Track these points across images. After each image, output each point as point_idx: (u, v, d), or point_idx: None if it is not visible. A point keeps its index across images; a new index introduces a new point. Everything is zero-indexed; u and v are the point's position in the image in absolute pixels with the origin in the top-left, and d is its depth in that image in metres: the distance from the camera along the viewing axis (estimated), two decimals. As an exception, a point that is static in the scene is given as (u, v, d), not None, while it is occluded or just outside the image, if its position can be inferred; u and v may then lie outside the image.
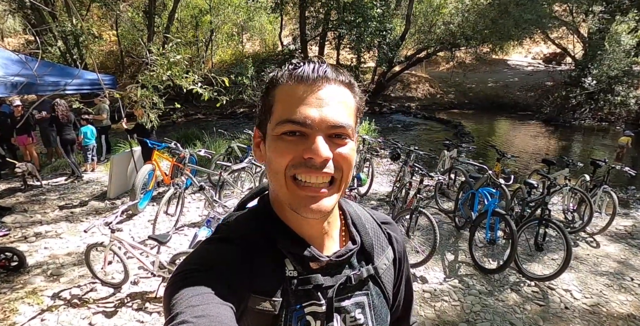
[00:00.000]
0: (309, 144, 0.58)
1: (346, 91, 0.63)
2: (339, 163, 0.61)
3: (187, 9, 16.81)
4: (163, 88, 3.61)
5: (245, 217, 0.72)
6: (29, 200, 5.68)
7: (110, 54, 18.52)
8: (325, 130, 0.59)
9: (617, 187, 6.52)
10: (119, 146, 7.79)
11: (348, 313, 0.70)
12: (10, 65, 4.87)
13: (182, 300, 0.55)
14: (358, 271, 0.71)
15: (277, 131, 0.60)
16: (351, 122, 0.62)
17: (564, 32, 18.91)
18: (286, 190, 0.61)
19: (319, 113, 0.59)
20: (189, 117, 15.01)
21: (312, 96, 0.59)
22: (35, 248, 4.19)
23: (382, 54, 15.70)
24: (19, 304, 3.20)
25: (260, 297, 0.62)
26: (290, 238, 0.67)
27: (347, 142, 0.62)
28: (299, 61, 0.63)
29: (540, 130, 14.33)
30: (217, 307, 0.55)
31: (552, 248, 4.37)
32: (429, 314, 3.22)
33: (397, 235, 0.83)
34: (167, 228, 4.51)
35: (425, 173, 4.28)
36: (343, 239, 0.75)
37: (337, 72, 0.63)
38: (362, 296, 0.72)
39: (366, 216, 0.80)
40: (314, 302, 0.66)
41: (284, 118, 0.59)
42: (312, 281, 0.65)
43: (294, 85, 0.61)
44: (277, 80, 0.63)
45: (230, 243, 0.66)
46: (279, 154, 0.60)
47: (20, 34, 19.45)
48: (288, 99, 0.60)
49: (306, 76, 0.60)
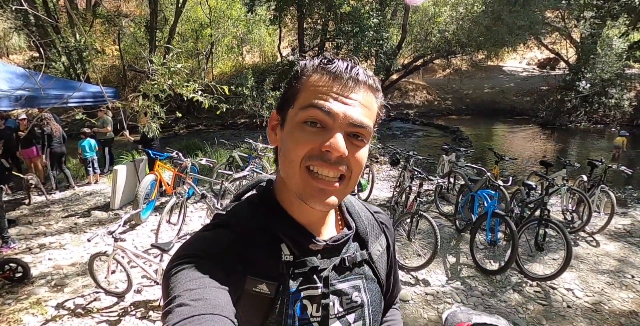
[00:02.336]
0: (328, 137, 0.59)
1: (371, 95, 0.65)
2: (351, 162, 0.62)
3: (188, 22, 17.10)
4: (164, 98, 3.68)
5: (242, 205, 0.73)
6: (33, 212, 5.72)
7: (113, 68, 18.79)
8: (346, 127, 0.60)
9: (614, 187, 6.58)
10: (122, 158, 7.86)
11: (346, 295, 0.71)
12: (15, 79, 4.97)
13: (179, 284, 0.56)
14: (353, 254, 0.73)
15: (300, 116, 0.61)
16: (371, 125, 0.64)
17: (557, 38, 19.18)
18: (299, 180, 0.62)
19: (345, 110, 0.60)
20: (190, 128, 15.15)
21: (341, 92, 0.61)
22: (39, 259, 4.21)
23: (379, 63, 15.88)
24: (23, 314, 3.21)
25: (256, 279, 0.63)
26: (288, 223, 0.68)
27: (364, 144, 0.63)
28: (332, 57, 0.64)
29: (537, 133, 14.42)
30: (214, 291, 0.55)
31: (553, 248, 4.39)
32: (432, 316, 3.22)
33: (388, 224, 0.86)
34: (170, 237, 4.53)
35: (425, 176, 4.30)
36: (339, 226, 0.77)
37: (367, 76, 0.64)
38: (358, 279, 0.73)
39: (360, 206, 0.83)
40: (311, 285, 0.67)
41: (311, 103, 0.60)
42: (307, 263, 0.66)
43: (325, 78, 0.62)
44: (308, 69, 0.64)
45: (227, 228, 0.67)
46: (297, 144, 0.61)
47: (25, 50, 19.77)
48: (317, 89, 0.61)
49: (339, 72, 0.61)
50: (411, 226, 4.08)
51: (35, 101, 4.93)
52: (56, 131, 6.50)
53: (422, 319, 3.19)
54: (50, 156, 6.57)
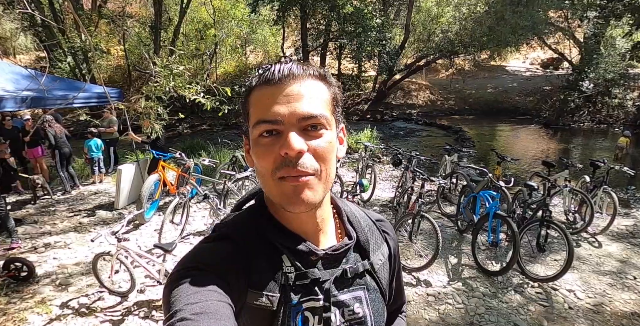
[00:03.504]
0: (283, 141, 0.59)
1: (317, 83, 0.64)
2: (317, 155, 0.61)
3: (192, 23, 17.26)
4: (167, 99, 3.71)
5: (242, 216, 0.73)
6: (38, 212, 5.78)
7: (117, 69, 19.02)
8: (297, 124, 0.60)
9: (617, 187, 6.54)
10: (126, 158, 7.92)
11: (347, 306, 0.70)
12: (21, 80, 5.01)
13: (180, 298, 0.56)
14: (354, 265, 0.72)
15: (254, 133, 0.62)
16: (324, 112, 0.62)
17: (560, 38, 19.11)
18: (275, 190, 0.62)
19: (288, 109, 0.59)
20: (194, 128, 15.24)
21: (280, 94, 0.60)
22: (44, 258, 4.25)
23: (382, 63, 15.93)
24: (28, 313, 3.24)
25: (257, 292, 0.63)
26: (286, 234, 0.68)
27: (323, 133, 0.62)
28: (267, 65, 0.64)
29: (540, 134, 14.39)
30: (215, 304, 0.55)
31: (554, 249, 4.39)
32: (433, 317, 3.23)
33: (390, 232, 0.85)
34: (173, 237, 4.55)
35: (427, 177, 4.31)
36: (339, 236, 0.76)
37: (303, 67, 0.63)
38: (360, 290, 0.72)
39: (361, 214, 0.82)
40: (312, 297, 0.66)
41: (257, 119, 0.61)
42: (309, 275, 0.66)
43: (263, 88, 0.62)
44: (250, 86, 0.65)
45: (227, 240, 0.67)
46: (261, 158, 0.61)
47: (31, 51, 19.96)
48: (259, 102, 0.62)
49: (272, 77, 0.61)
50: (413, 227, 4.08)
51: (40, 102, 4.97)
52: (60, 132, 6.56)
53: (423, 320, 3.20)
54: (60, 157, 6.60)
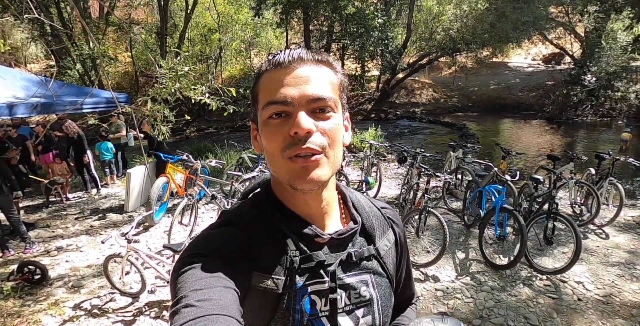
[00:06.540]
0: (293, 121, 0.60)
1: (325, 69, 0.65)
2: (325, 135, 0.62)
3: (197, 28, 17.49)
4: (173, 101, 3.75)
5: (247, 203, 0.74)
6: (50, 216, 5.87)
7: (125, 75, 19.34)
8: (306, 105, 0.61)
9: (622, 179, 6.52)
10: (135, 162, 8.01)
11: (353, 289, 0.70)
12: (31, 87, 5.11)
13: (186, 284, 0.56)
14: (360, 249, 0.72)
15: (263, 115, 0.63)
16: (333, 95, 0.63)
17: (562, 33, 19.07)
18: (284, 169, 0.62)
19: (298, 90, 0.61)
20: (201, 131, 15.41)
21: (290, 76, 0.62)
22: (57, 261, 4.33)
23: (385, 63, 15.95)
24: (42, 315, 3.29)
25: (263, 275, 0.64)
26: (291, 217, 0.68)
27: (331, 115, 0.63)
28: (278, 51, 0.66)
29: (544, 128, 14.33)
30: (221, 291, 0.56)
31: (562, 241, 4.38)
32: (443, 311, 3.25)
33: (396, 219, 0.85)
34: (182, 238, 4.60)
35: (432, 173, 4.30)
36: (344, 220, 0.76)
37: (312, 53, 0.65)
38: (366, 274, 0.73)
39: (366, 201, 0.82)
40: (318, 280, 0.67)
41: (267, 101, 0.62)
42: (314, 258, 0.66)
43: (273, 71, 0.64)
44: (260, 71, 0.66)
45: (233, 226, 0.67)
46: (270, 139, 0.62)
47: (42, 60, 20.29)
48: (269, 85, 0.63)
49: (282, 60, 0.63)
50: (419, 223, 4.09)
51: (50, 108, 5.06)
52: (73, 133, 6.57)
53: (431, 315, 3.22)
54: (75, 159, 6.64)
